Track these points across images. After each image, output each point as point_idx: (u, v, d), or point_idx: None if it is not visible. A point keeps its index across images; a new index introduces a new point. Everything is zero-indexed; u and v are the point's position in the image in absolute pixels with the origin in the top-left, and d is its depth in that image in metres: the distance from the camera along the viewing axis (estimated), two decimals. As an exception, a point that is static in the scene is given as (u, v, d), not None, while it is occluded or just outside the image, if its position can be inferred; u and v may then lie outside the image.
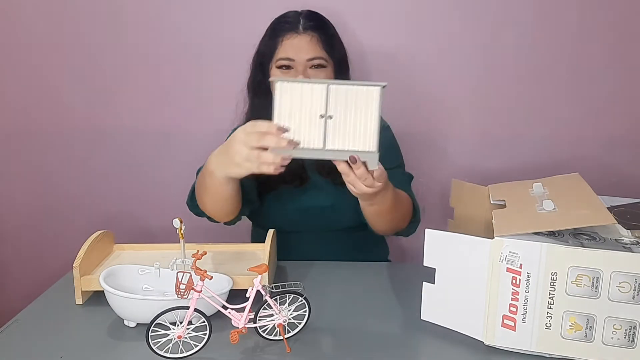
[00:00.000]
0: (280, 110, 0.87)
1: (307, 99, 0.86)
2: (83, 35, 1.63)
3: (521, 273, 0.81)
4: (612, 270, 0.78)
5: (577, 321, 0.80)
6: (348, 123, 0.87)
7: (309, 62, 1.21)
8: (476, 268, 0.85)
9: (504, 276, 0.83)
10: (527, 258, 0.81)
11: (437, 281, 0.90)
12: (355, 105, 0.86)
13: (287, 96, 0.87)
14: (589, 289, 0.79)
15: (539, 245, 0.80)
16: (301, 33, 1.21)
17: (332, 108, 0.86)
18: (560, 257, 0.80)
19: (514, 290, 0.82)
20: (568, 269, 0.79)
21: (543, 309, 0.81)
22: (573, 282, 0.79)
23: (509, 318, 0.84)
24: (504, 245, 0.82)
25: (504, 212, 0.94)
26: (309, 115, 0.87)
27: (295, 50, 1.20)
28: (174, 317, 0.84)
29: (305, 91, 0.86)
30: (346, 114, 0.86)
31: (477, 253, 0.85)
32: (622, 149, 1.66)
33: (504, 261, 0.82)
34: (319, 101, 0.87)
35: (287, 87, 0.87)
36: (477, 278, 0.85)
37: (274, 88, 0.88)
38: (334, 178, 1.26)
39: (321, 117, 0.87)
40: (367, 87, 0.85)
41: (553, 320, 0.81)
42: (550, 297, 0.81)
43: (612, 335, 0.79)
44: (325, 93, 0.86)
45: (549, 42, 1.60)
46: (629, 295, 0.78)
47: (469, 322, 0.88)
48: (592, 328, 0.80)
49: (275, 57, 1.22)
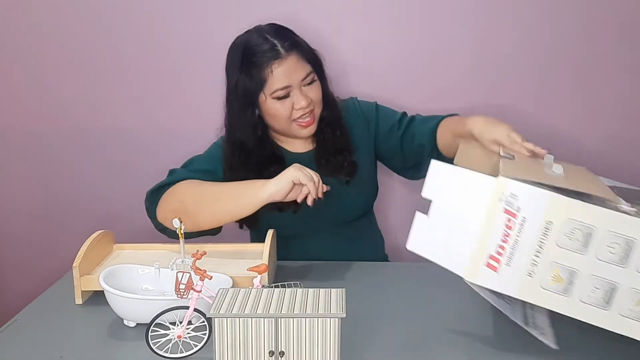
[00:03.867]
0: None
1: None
2: (83, 35, 1.63)
3: (517, 216, 0.80)
4: (606, 229, 0.78)
5: (560, 274, 0.80)
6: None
7: (303, 82, 1.19)
8: (473, 204, 0.84)
9: (500, 216, 0.81)
10: (527, 202, 0.80)
11: (431, 213, 0.88)
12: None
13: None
14: (580, 244, 0.79)
15: (542, 192, 0.80)
16: (285, 57, 1.17)
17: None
18: (560, 208, 0.79)
19: (505, 232, 0.81)
20: (565, 221, 0.79)
21: (530, 256, 0.81)
22: (566, 234, 0.79)
23: (494, 259, 0.82)
24: (507, 186, 0.81)
25: (512, 162, 0.94)
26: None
27: (289, 76, 1.18)
28: (174, 317, 0.85)
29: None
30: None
31: (479, 190, 0.84)
32: (622, 149, 1.66)
33: (503, 201, 0.81)
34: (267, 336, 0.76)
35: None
36: (473, 215, 0.84)
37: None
38: (335, 175, 1.28)
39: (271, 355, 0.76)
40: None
41: (537, 268, 0.81)
42: (539, 245, 0.80)
43: (591, 293, 0.79)
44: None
45: (549, 42, 1.60)
46: (617, 257, 0.78)
47: (454, 257, 0.86)
48: (572, 282, 0.80)
49: (269, 90, 1.18)
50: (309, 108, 1.21)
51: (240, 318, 0.75)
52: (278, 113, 1.20)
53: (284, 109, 1.20)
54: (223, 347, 0.76)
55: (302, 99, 1.19)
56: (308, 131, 1.24)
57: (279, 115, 1.20)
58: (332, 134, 1.29)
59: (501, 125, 1.09)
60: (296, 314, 0.75)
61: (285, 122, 1.22)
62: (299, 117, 1.21)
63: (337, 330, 0.76)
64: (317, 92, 1.23)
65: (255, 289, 0.82)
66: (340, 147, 1.29)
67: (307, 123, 1.23)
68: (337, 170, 1.28)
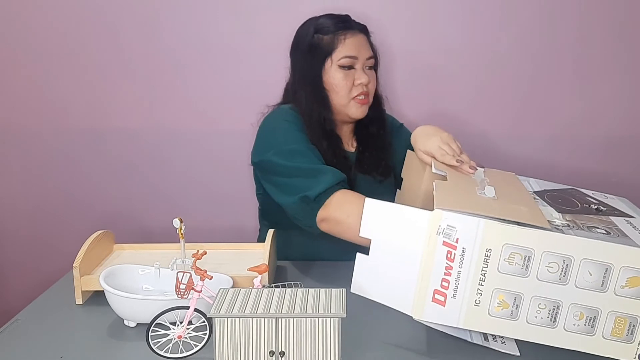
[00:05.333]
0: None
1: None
2: (83, 36, 1.63)
3: (457, 247, 0.81)
4: (543, 250, 0.79)
5: (505, 299, 0.81)
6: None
7: (367, 61, 1.25)
8: (412, 240, 0.84)
9: (440, 250, 0.81)
10: (464, 232, 0.80)
11: (372, 252, 0.88)
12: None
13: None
14: (520, 268, 0.80)
15: (476, 220, 0.80)
16: (356, 32, 1.25)
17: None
18: (496, 234, 0.79)
19: (447, 264, 0.81)
20: (502, 246, 0.79)
21: (474, 286, 0.81)
22: (506, 259, 0.80)
23: (440, 293, 0.82)
24: (443, 218, 0.81)
25: (445, 185, 0.93)
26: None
27: (358, 49, 1.23)
28: (174, 317, 0.85)
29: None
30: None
31: (415, 225, 0.83)
32: (622, 149, 1.66)
33: (441, 234, 0.81)
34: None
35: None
36: (412, 251, 0.83)
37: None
38: (373, 174, 1.29)
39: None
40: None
41: (482, 297, 0.81)
42: (482, 274, 0.80)
43: (537, 314, 0.80)
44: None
45: (549, 42, 1.60)
46: (556, 276, 0.79)
47: (399, 296, 0.86)
48: (518, 307, 0.81)
49: (337, 55, 1.23)
50: (367, 88, 1.25)
51: (241, 318, 0.75)
52: (339, 84, 1.23)
53: (346, 80, 1.23)
54: (223, 347, 0.76)
55: (363, 75, 1.24)
56: (362, 111, 1.26)
57: (340, 86, 1.23)
58: (377, 132, 1.32)
59: (435, 136, 1.09)
60: (297, 314, 0.75)
61: (345, 95, 1.24)
62: (357, 95, 1.24)
63: (338, 330, 0.76)
64: (374, 80, 1.28)
65: (255, 289, 0.83)
66: (381, 146, 1.32)
67: (363, 101, 1.25)
68: (375, 169, 1.30)
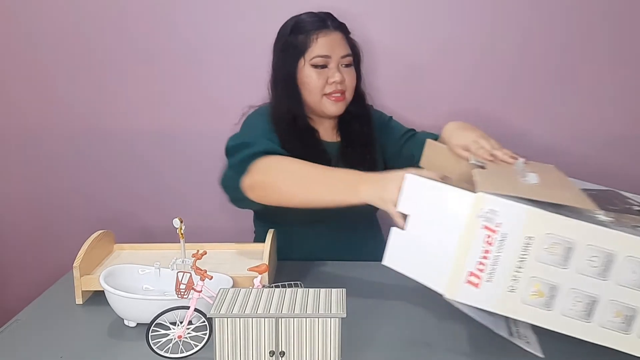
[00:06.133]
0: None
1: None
2: (84, 36, 1.63)
3: (497, 232, 0.79)
4: (586, 243, 0.77)
5: (541, 288, 0.80)
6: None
7: (342, 60, 1.25)
8: (452, 220, 0.83)
9: (479, 233, 0.80)
10: (507, 218, 0.79)
11: (408, 228, 0.88)
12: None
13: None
14: (560, 258, 0.78)
15: (520, 206, 0.79)
16: (331, 31, 1.25)
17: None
18: (540, 222, 0.78)
19: (485, 248, 0.80)
20: (545, 236, 0.78)
21: (511, 272, 0.80)
22: (546, 249, 0.78)
23: (475, 275, 0.81)
24: (486, 202, 0.80)
25: (485, 173, 0.92)
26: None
27: (330, 47, 1.24)
28: (174, 317, 0.85)
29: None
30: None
31: (456, 205, 0.83)
32: (622, 148, 1.66)
33: (482, 217, 0.80)
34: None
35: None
36: (451, 231, 0.82)
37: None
38: (358, 168, 1.28)
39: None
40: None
41: (519, 283, 0.80)
42: (520, 261, 0.79)
43: (572, 307, 0.79)
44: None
45: (549, 41, 1.60)
46: (597, 271, 0.78)
47: (433, 274, 0.85)
48: (554, 297, 0.79)
49: (309, 55, 1.23)
50: (342, 86, 1.25)
51: (241, 318, 0.75)
52: (312, 82, 1.24)
53: (319, 79, 1.24)
54: (223, 347, 0.76)
55: (337, 73, 1.24)
56: (337, 108, 1.26)
57: (313, 85, 1.24)
58: (359, 128, 1.33)
59: (471, 131, 1.11)
60: (297, 314, 0.75)
61: (317, 94, 1.25)
62: (332, 92, 1.24)
63: (338, 330, 0.76)
64: (351, 78, 1.28)
65: (255, 289, 0.83)
66: (365, 141, 1.32)
67: (338, 98, 1.25)
68: (359, 164, 1.29)
